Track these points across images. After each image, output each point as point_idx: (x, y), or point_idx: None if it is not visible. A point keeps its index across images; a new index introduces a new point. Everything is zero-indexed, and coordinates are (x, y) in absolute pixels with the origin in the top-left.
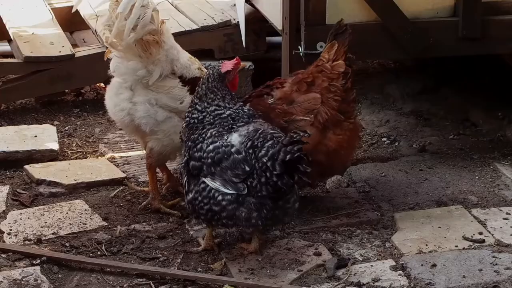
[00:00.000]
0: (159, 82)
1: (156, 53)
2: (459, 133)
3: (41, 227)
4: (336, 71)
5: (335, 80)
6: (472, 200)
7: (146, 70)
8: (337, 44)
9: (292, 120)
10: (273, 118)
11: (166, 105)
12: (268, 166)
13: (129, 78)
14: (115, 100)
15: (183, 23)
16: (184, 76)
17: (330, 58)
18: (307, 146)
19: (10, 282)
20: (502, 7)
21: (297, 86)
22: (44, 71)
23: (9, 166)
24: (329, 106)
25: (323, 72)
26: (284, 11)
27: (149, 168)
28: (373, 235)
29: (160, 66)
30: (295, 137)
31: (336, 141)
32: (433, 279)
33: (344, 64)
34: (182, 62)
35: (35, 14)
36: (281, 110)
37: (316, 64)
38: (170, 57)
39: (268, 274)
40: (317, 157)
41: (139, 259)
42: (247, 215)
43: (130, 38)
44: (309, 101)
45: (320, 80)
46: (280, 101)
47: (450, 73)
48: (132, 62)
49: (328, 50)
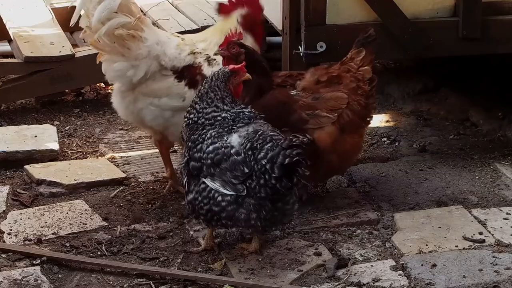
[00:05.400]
0: (154, 86)
1: (136, 47)
2: (459, 133)
3: (41, 227)
4: (363, 75)
5: (362, 83)
6: (472, 200)
7: (133, 70)
8: (364, 51)
9: (315, 115)
10: (296, 110)
11: (169, 106)
12: (267, 168)
13: (122, 81)
14: (123, 104)
15: (183, 23)
16: (176, 67)
17: (357, 64)
18: (325, 142)
19: (10, 282)
20: (502, 7)
21: (321, 78)
22: (44, 71)
23: (9, 166)
24: (352, 110)
25: (350, 72)
26: (284, 11)
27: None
28: (373, 235)
29: (145, 62)
30: (295, 141)
31: (351, 144)
32: (433, 279)
33: (371, 71)
34: (170, 54)
35: (35, 14)
36: (305, 103)
37: (341, 63)
38: (153, 53)
39: (268, 274)
40: (330, 156)
41: (139, 259)
42: (246, 216)
43: (100, 32)
44: (336, 100)
45: (348, 80)
46: (304, 92)
47: (450, 73)
48: (117, 64)
49: (354, 55)
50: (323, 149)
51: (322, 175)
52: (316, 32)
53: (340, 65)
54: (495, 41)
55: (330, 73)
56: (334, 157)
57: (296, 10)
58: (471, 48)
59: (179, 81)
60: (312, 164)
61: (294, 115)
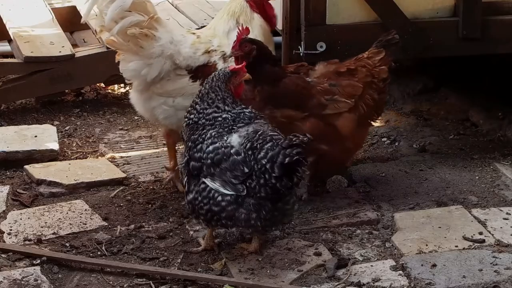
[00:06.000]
0: (169, 86)
1: (149, 46)
2: (459, 133)
3: (41, 227)
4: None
5: (377, 79)
6: (472, 200)
7: (147, 69)
8: (384, 53)
9: (334, 100)
10: (314, 94)
11: (184, 106)
12: (267, 168)
13: (138, 80)
14: (139, 101)
15: (183, 23)
16: (190, 66)
17: (374, 63)
18: (348, 128)
19: (10, 282)
20: (502, 7)
21: (338, 69)
22: (44, 71)
23: (9, 166)
24: (366, 103)
25: (366, 67)
26: (284, 11)
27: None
28: (373, 235)
29: (158, 61)
30: (295, 140)
31: (361, 138)
32: (433, 279)
33: (388, 71)
34: (184, 53)
35: (35, 14)
36: (323, 88)
37: (356, 59)
38: (167, 52)
39: (268, 274)
40: (348, 143)
41: (139, 259)
42: (246, 216)
43: (113, 30)
44: (352, 87)
45: (363, 74)
46: (320, 79)
47: (450, 73)
48: (132, 63)
49: (373, 55)
50: (344, 136)
51: (337, 164)
52: (316, 32)
53: (355, 60)
54: (495, 41)
55: (348, 66)
56: (351, 145)
57: (296, 10)
58: (471, 48)
59: (194, 80)
60: (332, 153)
61: (313, 99)
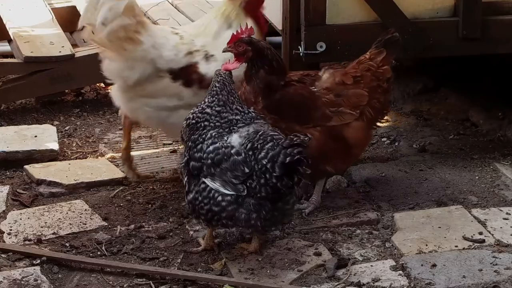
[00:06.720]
0: (151, 87)
1: (132, 49)
2: (459, 133)
3: (41, 227)
4: (383, 73)
5: (381, 81)
6: (472, 200)
7: (128, 71)
8: (386, 53)
9: (339, 112)
10: (320, 106)
11: (166, 106)
12: (268, 168)
13: (119, 81)
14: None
15: (183, 23)
16: (172, 69)
17: (377, 64)
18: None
19: (10, 282)
20: (502, 7)
21: (343, 79)
22: (44, 71)
23: (9, 166)
24: (373, 107)
25: (371, 70)
26: (284, 11)
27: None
28: (373, 235)
29: (139, 65)
30: (295, 140)
31: (367, 141)
32: (433, 279)
33: (391, 70)
34: (166, 57)
35: (35, 14)
36: (328, 100)
37: (358, 62)
38: (149, 56)
39: (268, 274)
40: (356, 150)
41: (139, 259)
42: (246, 216)
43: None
44: (357, 97)
45: (369, 79)
46: (326, 91)
47: (450, 73)
48: (114, 63)
49: (374, 56)
50: (353, 144)
51: (345, 167)
52: (316, 32)
53: (358, 64)
54: (495, 41)
55: (354, 75)
56: (359, 151)
57: (296, 10)
58: (471, 48)
59: (175, 81)
60: (341, 158)
61: (318, 111)
